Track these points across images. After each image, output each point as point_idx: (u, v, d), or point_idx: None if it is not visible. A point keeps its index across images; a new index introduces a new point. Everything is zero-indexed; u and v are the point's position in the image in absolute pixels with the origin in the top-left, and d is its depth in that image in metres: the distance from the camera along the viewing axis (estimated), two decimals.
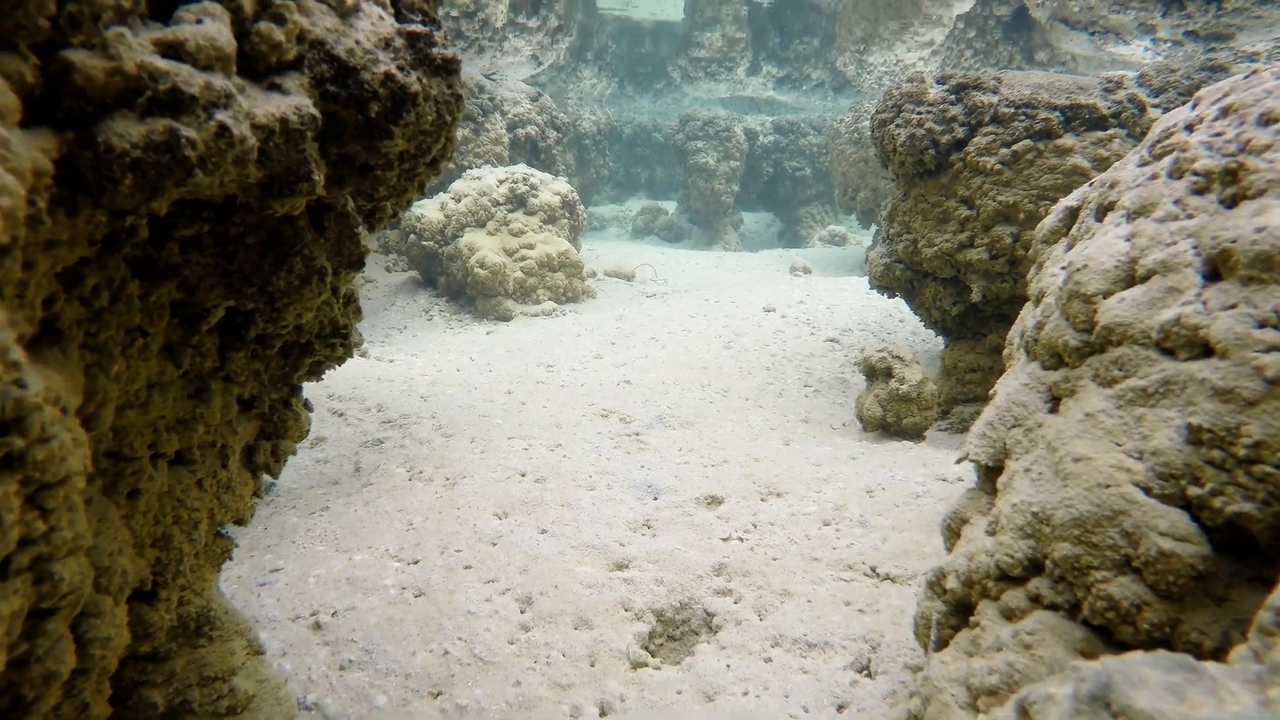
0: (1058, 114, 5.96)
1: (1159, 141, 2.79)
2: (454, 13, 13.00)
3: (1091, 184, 3.71)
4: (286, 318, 2.40)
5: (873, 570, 3.97)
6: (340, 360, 2.91)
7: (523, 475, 5.01)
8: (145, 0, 1.67)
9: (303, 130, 1.90)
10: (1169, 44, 9.20)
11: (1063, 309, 2.57)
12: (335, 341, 2.82)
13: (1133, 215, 2.56)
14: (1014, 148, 5.99)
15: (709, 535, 4.30)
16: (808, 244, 20.41)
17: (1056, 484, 2.33)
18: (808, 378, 7.54)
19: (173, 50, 1.65)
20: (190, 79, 1.64)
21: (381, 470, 5.38)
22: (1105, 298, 2.43)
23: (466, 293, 11.57)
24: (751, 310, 9.52)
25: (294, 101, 1.90)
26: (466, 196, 11.98)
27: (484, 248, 11.39)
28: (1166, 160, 2.61)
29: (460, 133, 13.60)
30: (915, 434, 6.15)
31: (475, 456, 5.33)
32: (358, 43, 2.02)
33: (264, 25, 1.87)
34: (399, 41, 2.12)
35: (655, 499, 4.69)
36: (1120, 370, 2.31)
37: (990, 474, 2.81)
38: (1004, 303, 6.43)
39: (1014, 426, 2.68)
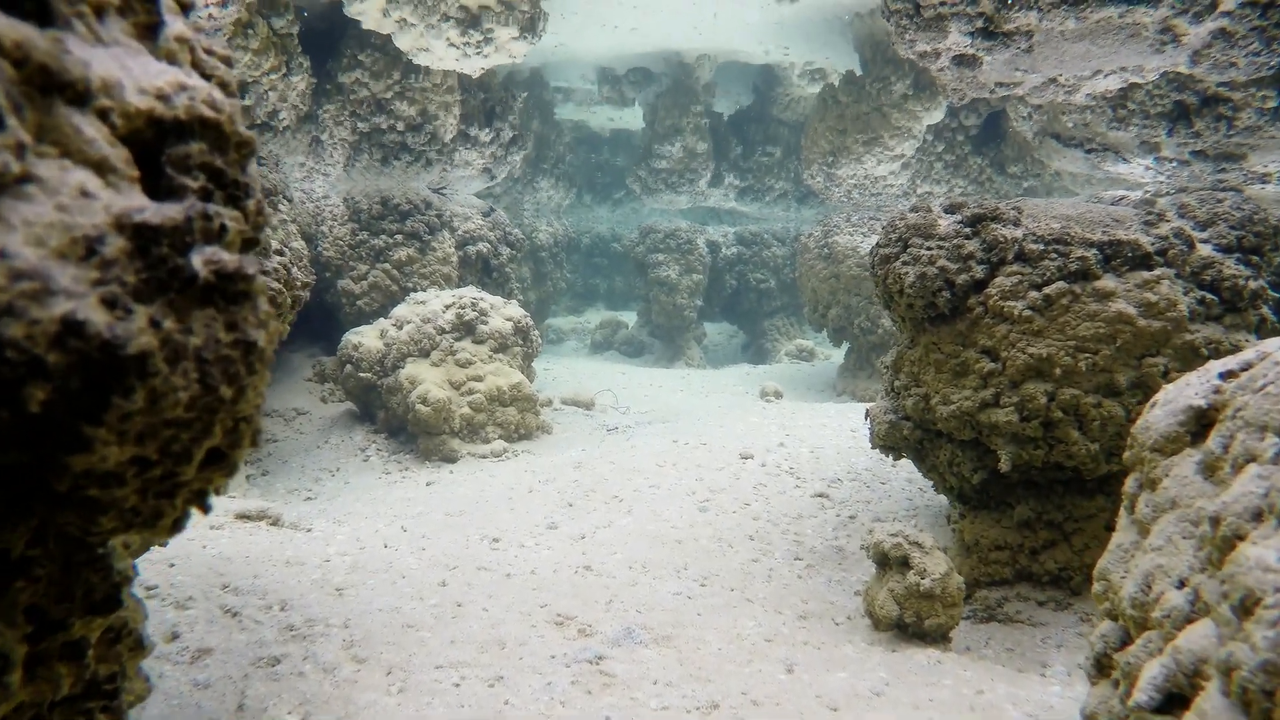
0: (1095, 251, 5.04)
1: None
2: (400, 125, 12.13)
3: (1228, 377, 2.69)
4: None
5: None
6: None
7: None
8: None
9: None
10: (1174, 163, 8.48)
11: None
12: (92, 707, 1.66)
13: None
14: (1046, 291, 5.03)
15: None
16: (774, 358, 19.50)
17: None
18: (798, 548, 6.41)
19: None
20: None
21: (269, 717, 4.12)
22: None
23: (408, 430, 10.38)
24: (727, 456, 8.42)
25: None
26: (409, 323, 10.88)
27: (427, 381, 10.25)
28: None
29: (404, 253, 12.59)
30: (940, 636, 5.02)
31: (390, 700, 4.10)
32: (2, 255, 0.94)
33: None
34: (114, 245, 1.03)
35: None
36: None
37: None
38: (1034, 469, 5.40)
39: None
